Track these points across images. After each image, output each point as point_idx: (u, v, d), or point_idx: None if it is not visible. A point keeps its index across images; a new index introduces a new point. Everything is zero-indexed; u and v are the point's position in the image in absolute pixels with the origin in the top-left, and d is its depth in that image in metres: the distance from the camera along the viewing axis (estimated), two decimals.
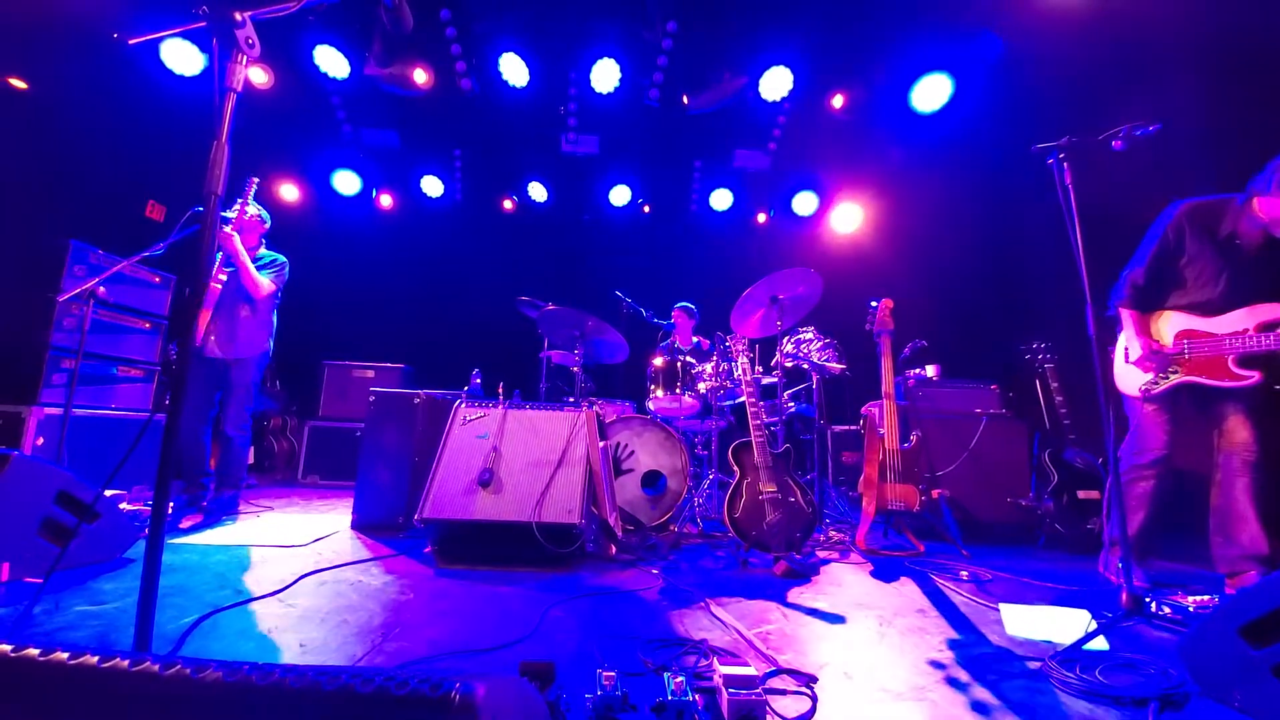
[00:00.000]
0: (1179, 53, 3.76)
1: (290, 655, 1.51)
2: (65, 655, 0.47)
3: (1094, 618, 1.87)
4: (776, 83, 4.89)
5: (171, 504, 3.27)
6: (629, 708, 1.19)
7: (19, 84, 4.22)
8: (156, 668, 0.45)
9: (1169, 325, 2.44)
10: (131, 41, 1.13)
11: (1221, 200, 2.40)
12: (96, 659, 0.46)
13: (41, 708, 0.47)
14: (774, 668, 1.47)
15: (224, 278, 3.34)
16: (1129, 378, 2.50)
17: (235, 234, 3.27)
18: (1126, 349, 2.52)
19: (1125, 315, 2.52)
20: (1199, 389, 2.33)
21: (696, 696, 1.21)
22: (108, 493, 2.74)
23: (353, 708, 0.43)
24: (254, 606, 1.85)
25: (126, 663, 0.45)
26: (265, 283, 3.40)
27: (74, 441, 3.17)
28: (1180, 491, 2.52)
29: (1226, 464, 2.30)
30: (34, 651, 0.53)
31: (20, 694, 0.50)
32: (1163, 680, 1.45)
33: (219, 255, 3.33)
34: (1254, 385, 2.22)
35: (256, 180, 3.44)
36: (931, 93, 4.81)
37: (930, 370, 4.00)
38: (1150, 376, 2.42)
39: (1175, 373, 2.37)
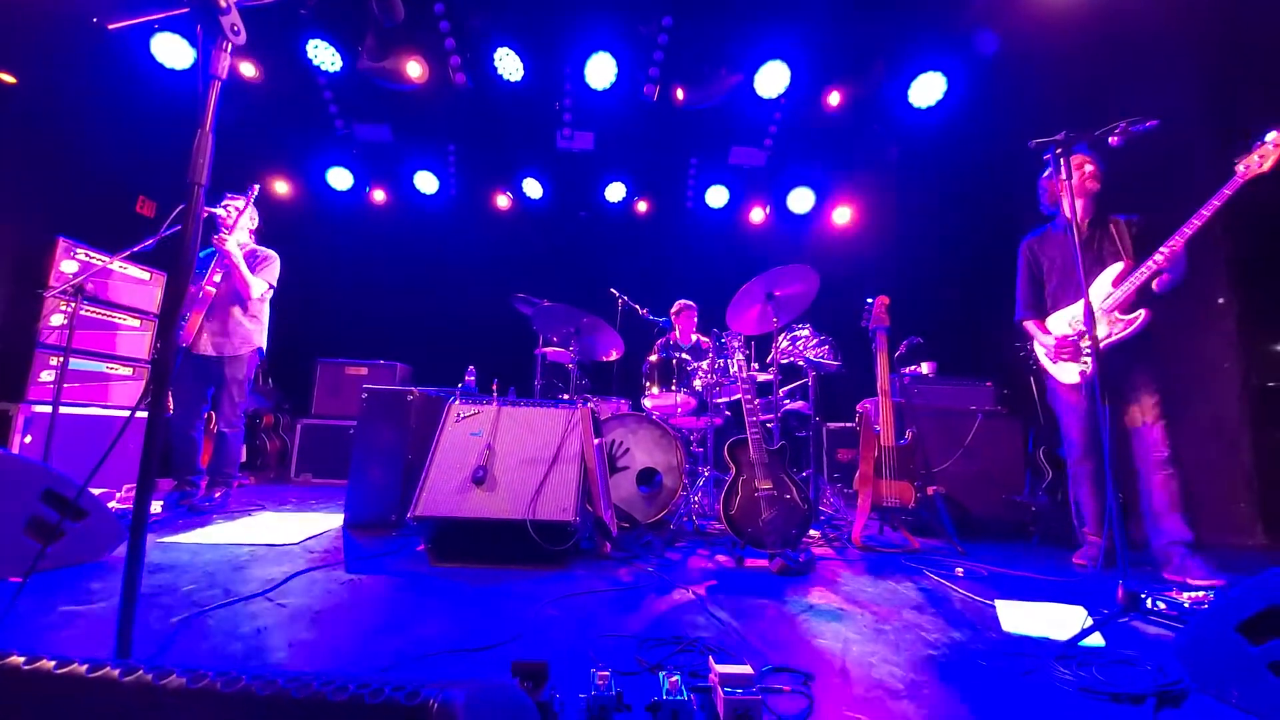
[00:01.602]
0: (1176, 48, 3.76)
1: (279, 655, 1.48)
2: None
3: (1090, 614, 1.87)
4: (773, 79, 4.87)
5: (163, 502, 3.24)
6: (623, 707, 1.17)
7: (7, 78, 4.16)
8: (116, 673, 0.42)
9: (1059, 321, 2.85)
10: (111, 27, 1.10)
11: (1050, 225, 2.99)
12: (53, 664, 0.44)
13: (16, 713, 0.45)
14: (770, 666, 1.45)
15: (218, 279, 3.30)
16: (1065, 373, 2.78)
17: (230, 236, 3.24)
18: (1048, 353, 2.85)
19: (1030, 326, 2.97)
20: (1113, 360, 2.54)
21: (692, 695, 1.19)
22: (96, 491, 2.71)
23: (324, 717, 0.41)
24: (243, 606, 1.82)
25: (84, 668, 0.43)
26: (259, 285, 3.38)
27: (63, 439, 3.13)
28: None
29: (1142, 467, 2.58)
30: (17, 660, 0.51)
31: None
32: (1159, 677, 1.44)
33: (214, 257, 3.30)
34: (1146, 323, 2.52)
35: (258, 187, 3.42)
36: (928, 90, 4.80)
37: (925, 367, 4.00)
38: (1076, 365, 2.71)
39: (1089, 351, 2.64)
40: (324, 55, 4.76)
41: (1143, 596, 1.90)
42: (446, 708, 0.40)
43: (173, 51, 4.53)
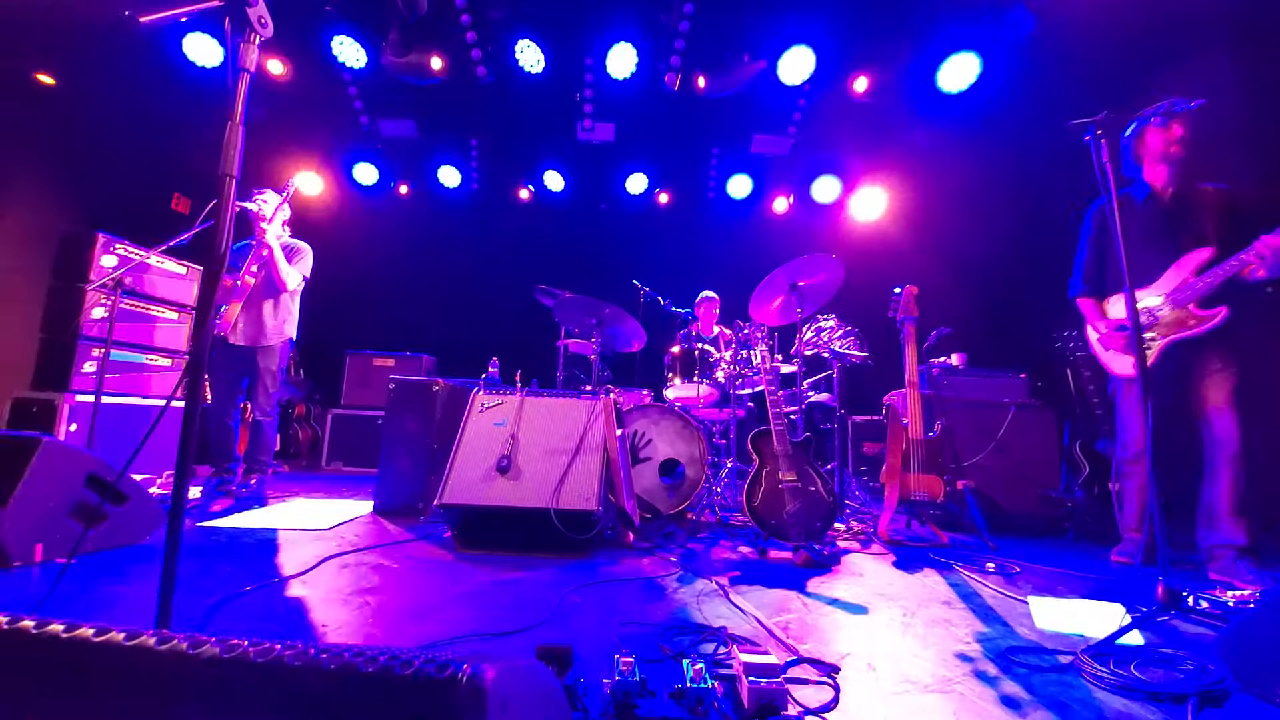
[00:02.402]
0: (1218, 24, 3.58)
1: (312, 636, 1.52)
2: (60, 628, 0.47)
3: (1128, 611, 1.81)
4: (797, 65, 4.78)
5: (201, 488, 3.35)
6: (648, 693, 1.17)
7: (47, 80, 4.31)
8: (153, 641, 0.44)
9: (1121, 306, 2.61)
10: (143, 20, 1.12)
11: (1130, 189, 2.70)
12: (92, 632, 0.45)
13: (51, 680, 0.47)
14: (795, 657, 1.44)
15: (255, 268, 3.39)
16: (1115, 362, 2.63)
17: (269, 227, 3.32)
18: (1101, 340, 2.67)
19: (1083, 306, 2.76)
20: (1179, 354, 2.39)
21: (715, 684, 1.19)
22: (138, 477, 2.81)
23: (355, 686, 0.41)
24: (278, 588, 1.88)
25: (122, 636, 0.44)
26: (294, 276, 3.47)
27: (105, 428, 3.26)
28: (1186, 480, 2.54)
29: (1211, 459, 2.39)
30: (59, 626, 0.53)
31: (42, 671, 0.50)
32: (1201, 676, 1.39)
33: (252, 249, 3.39)
34: (1224, 321, 2.31)
35: (295, 182, 3.49)
36: (959, 72, 4.66)
37: (955, 359, 3.91)
38: (1132, 356, 2.49)
39: (1154, 340, 2.45)
40: (349, 52, 4.82)
41: (1184, 594, 1.83)
42: (475, 680, 0.40)
43: (204, 51, 4.63)
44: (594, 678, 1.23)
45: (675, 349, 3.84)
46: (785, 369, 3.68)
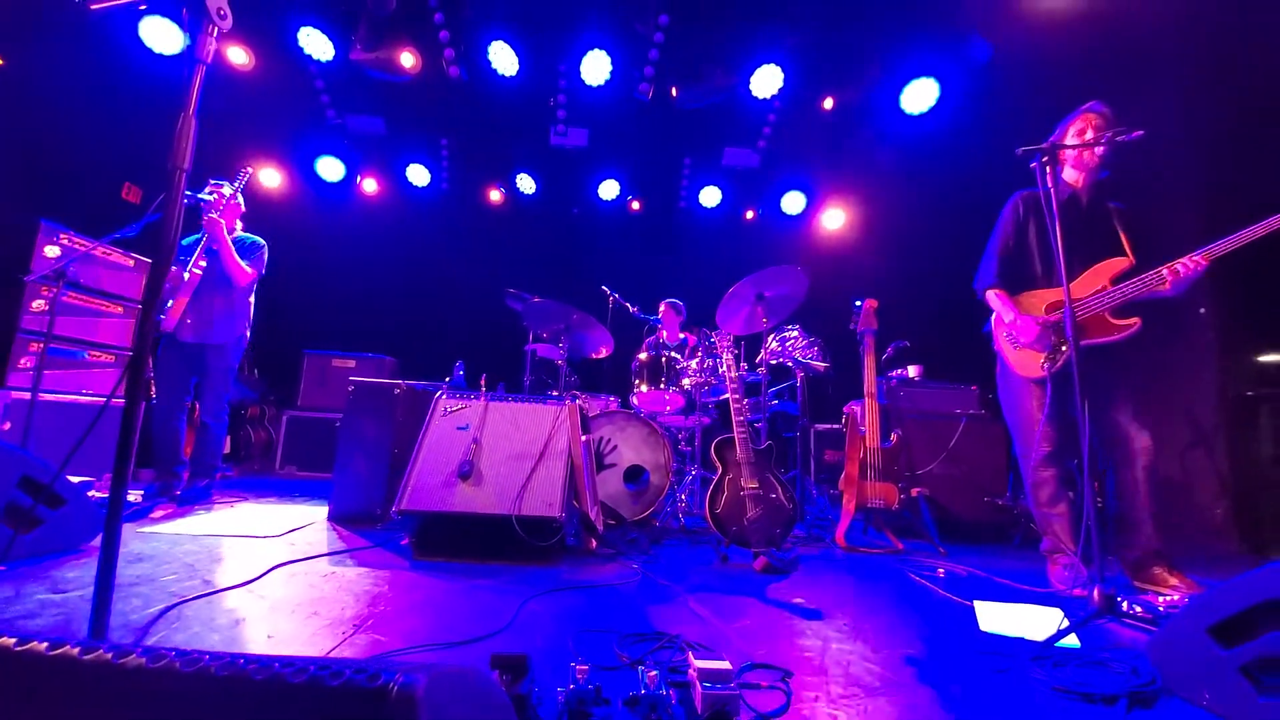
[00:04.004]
0: (1165, 56, 3.82)
1: (257, 647, 1.47)
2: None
3: (1066, 616, 1.89)
4: (767, 81, 4.89)
5: (143, 492, 3.20)
6: (602, 701, 1.17)
7: None
8: (76, 652, 0.42)
9: (1034, 302, 2.54)
10: (94, 6, 1.08)
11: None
12: (12, 642, 0.43)
13: None
14: (750, 662, 1.46)
15: (204, 263, 3.26)
16: (1026, 363, 2.51)
17: (221, 221, 3.20)
18: (1011, 336, 2.56)
19: (995, 297, 2.62)
20: (1091, 359, 2.31)
21: (670, 690, 1.20)
22: (77, 480, 2.67)
23: (283, 698, 0.41)
24: (222, 597, 1.81)
25: (44, 646, 0.42)
26: (248, 269, 3.34)
27: (42, 427, 3.08)
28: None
29: (1128, 471, 2.38)
30: None
31: None
32: (1133, 678, 1.46)
33: (201, 241, 3.26)
34: (1138, 331, 2.32)
35: (250, 170, 3.37)
36: (920, 95, 4.84)
37: (912, 370, 4.03)
38: (1042, 358, 2.44)
39: (1064, 345, 2.40)
40: (316, 44, 4.71)
41: (1118, 599, 1.92)
42: (406, 690, 0.40)
43: (162, 36, 4.46)
44: (549, 686, 1.22)
45: (642, 356, 3.86)
46: (750, 377, 3.74)
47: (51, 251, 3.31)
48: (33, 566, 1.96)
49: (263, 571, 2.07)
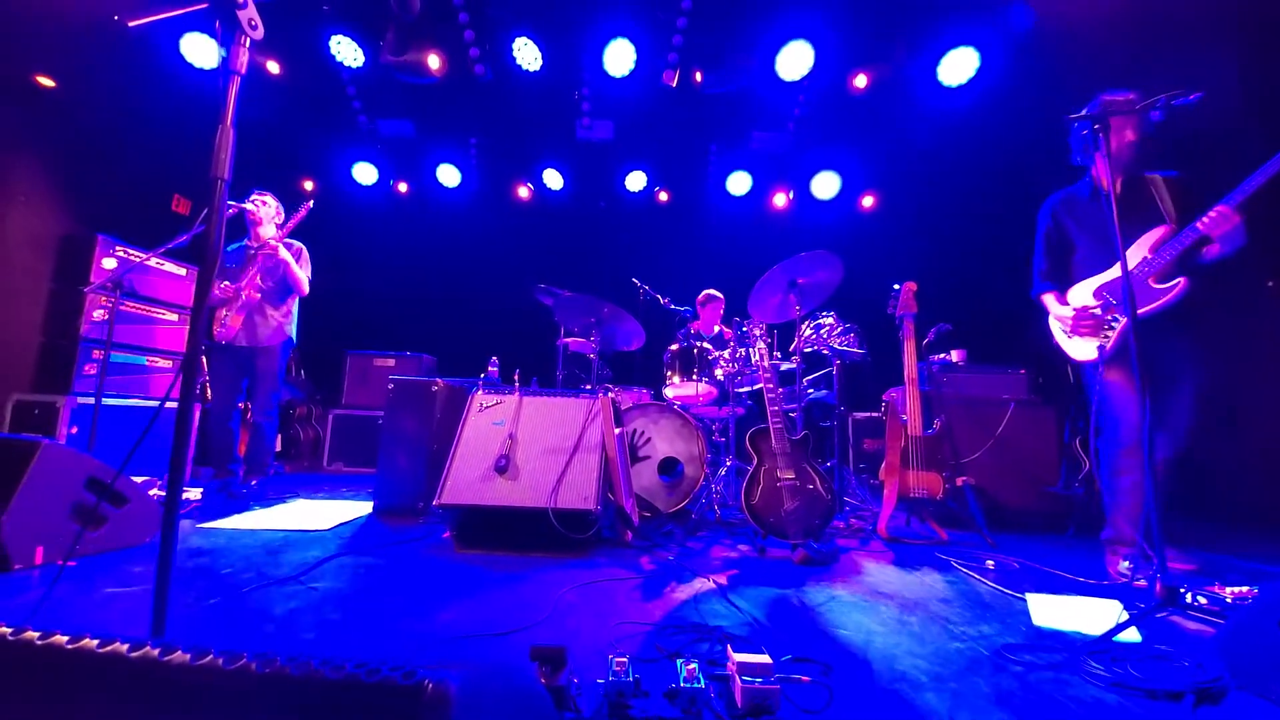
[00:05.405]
0: (1217, 18, 3.56)
1: (308, 636, 1.53)
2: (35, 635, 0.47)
3: (1125, 609, 1.80)
4: (796, 60, 4.74)
5: (202, 489, 3.37)
6: (641, 694, 1.17)
7: (47, 81, 4.31)
8: (125, 649, 0.44)
9: (1083, 291, 2.54)
10: (132, 24, 1.12)
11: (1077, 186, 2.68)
12: (66, 639, 0.46)
13: (33, 689, 0.47)
14: (790, 656, 1.44)
15: (259, 279, 3.40)
16: (1079, 348, 2.51)
17: (280, 245, 3.34)
18: (1064, 328, 2.56)
19: (1046, 300, 2.66)
20: (1142, 334, 2.15)
21: (709, 683, 1.19)
22: (140, 479, 2.82)
23: (320, 694, 0.42)
24: (276, 589, 1.89)
25: (95, 643, 0.45)
26: (305, 277, 3.52)
27: (106, 430, 3.27)
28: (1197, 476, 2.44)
29: (1165, 460, 2.30)
30: (33, 634, 0.53)
31: (18, 676, 0.51)
32: (1198, 673, 1.38)
33: (245, 251, 3.40)
34: (1184, 292, 2.24)
35: (311, 204, 3.48)
36: (959, 66, 4.63)
37: (955, 355, 3.90)
38: (1096, 340, 2.43)
39: (1116, 321, 2.38)
40: (346, 51, 4.81)
41: (1182, 591, 1.82)
42: (441, 688, 0.41)
43: (201, 51, 4.63)
44: (588, 678, 1.23)
45: (674, 347, 3.83)
46: (784, 366, 3.67)
47: (108, 264, 3.50)
48: (100, 562, 2.08)
49: (314, 564, 2.15)
